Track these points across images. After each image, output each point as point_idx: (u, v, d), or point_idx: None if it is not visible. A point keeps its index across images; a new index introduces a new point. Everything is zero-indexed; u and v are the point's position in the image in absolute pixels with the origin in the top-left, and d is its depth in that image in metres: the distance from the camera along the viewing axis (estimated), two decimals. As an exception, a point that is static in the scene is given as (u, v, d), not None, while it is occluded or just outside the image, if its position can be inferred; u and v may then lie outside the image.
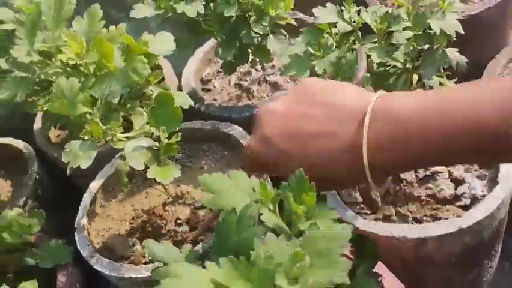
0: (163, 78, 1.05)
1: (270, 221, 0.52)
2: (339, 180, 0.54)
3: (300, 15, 1.27)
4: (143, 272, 0.83)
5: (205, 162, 1.05)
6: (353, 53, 0.76)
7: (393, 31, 0.74)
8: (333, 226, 0.49)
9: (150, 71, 0.82)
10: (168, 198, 0.98)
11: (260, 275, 0.45)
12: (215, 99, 1.23)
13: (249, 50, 1.06)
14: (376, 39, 0.77)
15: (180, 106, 0.82)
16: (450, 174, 0.89)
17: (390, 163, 0.49)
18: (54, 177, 1.28)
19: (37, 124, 1.32)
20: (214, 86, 1.28)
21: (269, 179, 0.61)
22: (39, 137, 1.28)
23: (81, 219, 0.98)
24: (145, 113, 0.82)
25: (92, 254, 0.90)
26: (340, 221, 0.51)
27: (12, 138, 1.33)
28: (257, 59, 1.11)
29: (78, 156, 0.75)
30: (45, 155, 1.27)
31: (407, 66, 0.78)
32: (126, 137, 0.80)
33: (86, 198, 1.02)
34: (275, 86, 1.19)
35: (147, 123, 0.83)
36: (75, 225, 0.97)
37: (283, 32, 1.04)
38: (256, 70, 1.26)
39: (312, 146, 0.52)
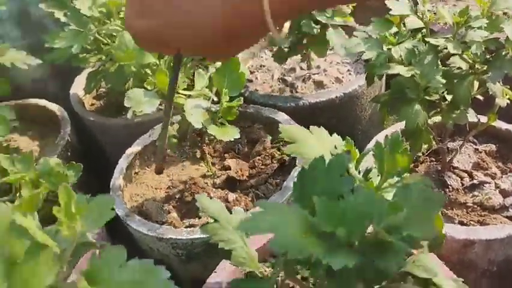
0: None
1: (356, 177, 0.51)
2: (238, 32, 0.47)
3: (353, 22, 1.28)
4: (184, 234, 0.81)
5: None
6: (426, 46, 0.76)
7: (468, 28, 0.75)
8: (427, 190, 0.48)
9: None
10: (208, 171, 0.97)
11: (354, 218, 0.44)
12: (257, 90, 1.23)
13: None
14: (449, 36, 0.77)
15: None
16: (497, 186, 0.88)
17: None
18: (85, 143, 1.26)
19: (74, 89, 1.31)
20: (256, 78, 1.28)
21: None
22: (75, 101, 1.27)
23: (117, 180, 0.96)
24: (205, 75, 0.82)
25: (128, 213, 0.88)
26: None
27: (47, 101, 1.32)
28: (301, 59, 1.12)
29: (142, 101, 0.74)
30: (78, 120, 1.26)
31: (476, 67, 0.78)
32: (186, 95, 0.80)
33: (123, 161, 1.01)
34: (320, 85, 1.19)
35: (206, 87, 0.83)
36: (110, 185, 0.95)
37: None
38: (301, 68, 1.26)
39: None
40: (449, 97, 0.84)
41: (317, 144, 0.56)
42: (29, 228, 0.42)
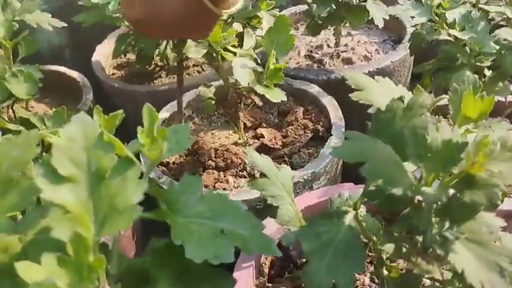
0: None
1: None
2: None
3: None
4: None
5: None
6: (479, 12, 0.76)
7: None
8: (509, 133, 0.48)
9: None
10: (239, 138, 0.96)
11: (443, 153, 0.43)
12: (284, 65, 1.21)
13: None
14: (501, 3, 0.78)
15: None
16: (533, 162, 0.88)
17: None
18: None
19: (95, 57, 1.29)
20: (282, 54, 1.27)
21: None
22: (98, 69, 1.25)
23: (147, 144, 0.94)
24: (253, 36, 0.81)
25: (160, 175, 0.86)
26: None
27: (66, 68, 1.30)
28: (333, 33, 1.11)
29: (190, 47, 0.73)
30: (98, 89, 1.24)
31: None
32: (234, 53, 0.78)
33: (152, 127, 0.99)
34: (349, 62, 1.19)
35: (252, 48, 0.82)
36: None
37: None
38: (328, 46, 1.26)
39: None
40: (488, 73, 0.85)
41: (385, 92, 0.55)
42: (116, 144, 0.40)
